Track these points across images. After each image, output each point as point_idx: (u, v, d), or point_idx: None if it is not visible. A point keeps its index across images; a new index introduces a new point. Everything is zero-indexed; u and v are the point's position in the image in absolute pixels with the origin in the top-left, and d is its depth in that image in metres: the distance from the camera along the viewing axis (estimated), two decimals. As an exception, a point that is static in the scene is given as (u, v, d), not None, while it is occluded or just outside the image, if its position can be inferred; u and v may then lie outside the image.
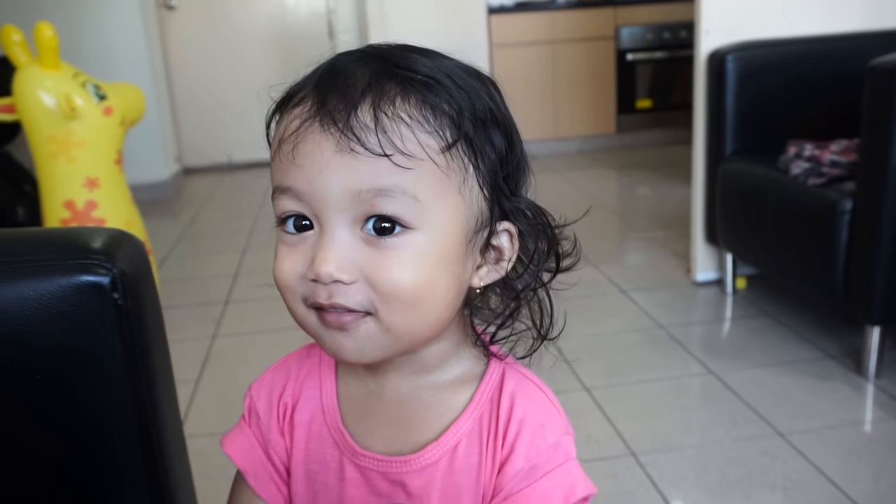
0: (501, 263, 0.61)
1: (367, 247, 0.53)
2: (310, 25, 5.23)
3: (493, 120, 0.57)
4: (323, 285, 0.53)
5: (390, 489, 0.61)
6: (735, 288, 2.55)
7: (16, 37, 2.27)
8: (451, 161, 0.54)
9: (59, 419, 0.67)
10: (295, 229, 0.55)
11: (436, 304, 0.56)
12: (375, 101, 0.52)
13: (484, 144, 0.56)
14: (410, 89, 0.54)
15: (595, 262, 2.91)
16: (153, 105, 4.28)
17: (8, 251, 0.68)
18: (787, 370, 2.03)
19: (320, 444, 0.63)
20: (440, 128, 0.54)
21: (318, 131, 0.53)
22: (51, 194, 2.35)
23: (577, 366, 2.09)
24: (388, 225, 0.53)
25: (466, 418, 0.60)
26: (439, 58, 0.57)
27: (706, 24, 2.44)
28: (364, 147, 0.51)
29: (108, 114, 2.34)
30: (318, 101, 0.53)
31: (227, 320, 2.59)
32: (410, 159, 0.52)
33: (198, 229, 3.92)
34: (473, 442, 0.60)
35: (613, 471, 1.63)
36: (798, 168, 2.09)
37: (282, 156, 0.54)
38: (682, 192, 3.16)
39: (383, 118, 0.52)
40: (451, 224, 0.55)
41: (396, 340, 0.56)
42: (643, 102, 5.06)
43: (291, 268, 0.55)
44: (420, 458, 0.60)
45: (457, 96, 0.55)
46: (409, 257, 0.53)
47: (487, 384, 0.61)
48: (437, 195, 0.54)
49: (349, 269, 0.53)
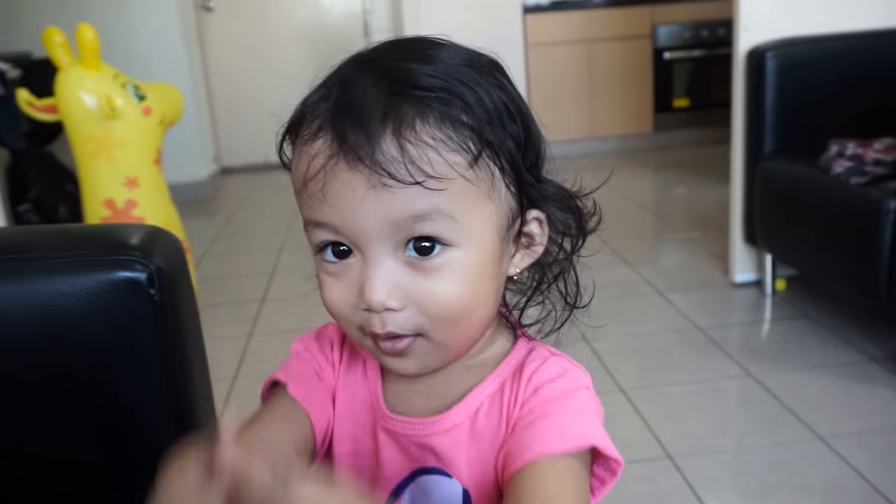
0: (534, 247, 0.61)
1: (410, 270, 0.54)
2: (345, 26, 5.25)
3: (508, 112, 0.57)
4: (376, 314, 0.54)
5: (420, 453, 0.62)
6: (774, 289, 2.50)
7: (58, 38, 2.31)
8: (479, 171, 0.54)
9: (95, 413, 0.68)
10: (335, 256, 0.56)
11: (480, 311, 0.58)
12: (396, 129, 0.52)
13: (504, 141, 0.56)
14: (427, 108, 0.53)
15: (631, 263, 2.88)
16: (191, 106, 4.32)
17: (46, 247, 0.68)
18: (827, 373, 1.98)
19: (361, 409, 0.65)
20: (463, 142, 0.53)
21: (345, 169, 0.52)
22: (91, 193, 2.39)
23: (613, 367, 2.07)
24: (428, 244, 0.54)
25: (489, 383, 0.61)
26: (441, 55, 0.56)
27: (745, 20, 2.40)
28: (395, 179, 0.51)
29: (148, 114, 2.37)
30: (338, 137, 0.52)
31: (264, 318, 2.61)
32: (441, 181, 0.52)
33: (234, 228, 3.96)
34: (494, 407, 0.61)
35: (649, 474, 1.61)
36: (840, 167, 2.05)
37: (310, 193, 0.54)
38: (720, 192, 3.12)
39: (408, 146, 0.52)
40: (486, 232, 0.56)
41: (448, 351, 0.58)
42: (680, 101, 5.00)
43: (342, 299, 0.56)
44: (444, 420, 0.61)
45: (473, 104, 0.54)
46: (451, 275, 0.55)
47: (513, 357, 0.63)
48: (470, 208, 0.54)
49: (398, 296, 0.54)
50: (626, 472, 0.60)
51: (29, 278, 0.66)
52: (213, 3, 5.10)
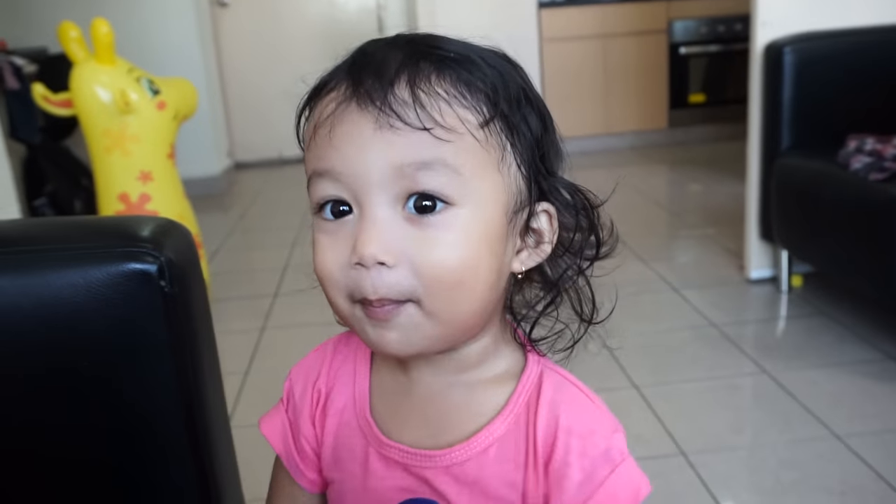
0: (542, 246, 0.59)
1: (409, 226, 0.52)
2: (360, 22, 5.25)
3: (527, 99, 0.57)
4: (367, 273, 0.52)
5: (414, 483, 0.59)
6: (790, 286, 2.48)
7: (73, 33, 2.32)
8: (490, 137, 0.54)
9: (105, 404, 0.68)
10: (332, 215, 0.54)
11: (478, 285, 0.54)
12: (411, 78, 0.52)
13: (519, 123, 0.55)
14: (445, 67, 0.53)
15: (646, 260, 2.86)
16: (206, 101, 4.34)
17: (58, 239, 0.68)
18: (844, 371, 1.96)
19: (349, 432, 0.63)
20: (477, 104, 0.53)
21: (355, 111, 0.52)
22: (106, 187, 2.39)
23: (626, 364, 2.05)
24: (429, 203, 0.52)
25: (500, 423, 0.58)
26: (468, 42, 0.57)
27: (762, 15, 2.38)
28: (403, 122, 0.51)
29: (162, 108, 2.38)
30: (353, 83, 0.53)
31: (276, 313, 2.61)
32: (450, 132, 0.52)
33: (248, 223, 3.97)
34: (508, 449, 0.58)
35: (663, 470, 1.60)
36: (858, 162, 2.03)
37: (318, 140, 0.54)
38: (736, 189, 3.10)
39: (420, 94, 0.52)
40: (492, 201, 0.54)
41: (440, 326, 0.54)
42: (696, 97, 4.97)
43: (334, 258, 0.54)
44: (445, 457, 0.58)
45: (490, 75, 0.54)
46: (452, 235, 0.52)
47: (524, 387, 0.59)
48: (477, 170, 0.53)
49: (392, 251, 0.52)
50: (640, 468, 0.59)
51: (40, 270, 0.65)
52: (227, -2, 5.11)
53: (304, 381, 0.66)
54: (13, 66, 3.24)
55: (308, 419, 0.65)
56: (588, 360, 0.62)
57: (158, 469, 0.70)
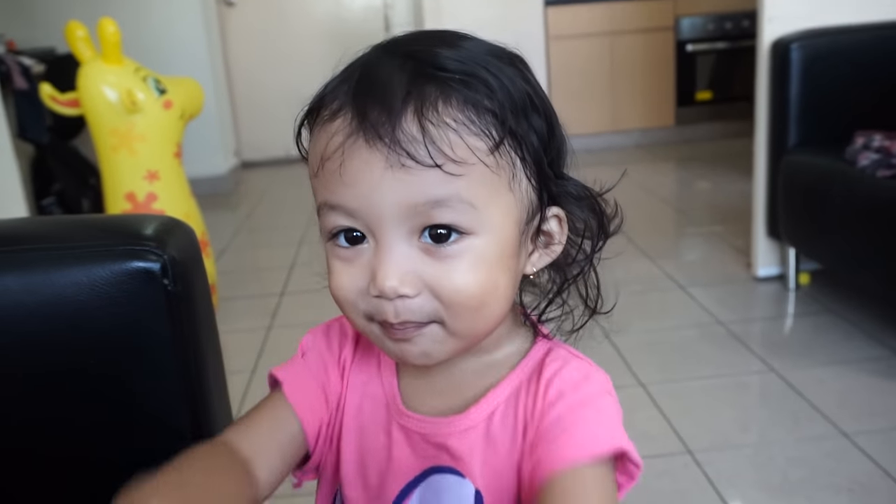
0: (552, 247, 0.60)
1: (426, 256, 0.53)
2: (366, 20, 5.25)
3: (532, 105, 0.56)
4: (388, 301, 0.53)
5: (434, 452, 0.61)
6: (798, 283, 2.47)
7: (80, 32, 2.33)
8: (500, 159, 0.53)
9: (109, 401, 0.68)
10: (347, 242, 0.55)
11: (498, 303, 0.56)
12: (418, 108, 0.51)
13: (527, 133, 0.55)
14: (450, 90, 0.52)
15: (653, 257, 2.86)
16: (212, 100, 4.35)
17: (63, 237, 0.69)
18: (852, 369, 1.96)
19: (374, 405, 0.64)
20: (486, 127, 0.52)
21: (363, 147, 0.51)
22: (113, 186, 2.40)
23: (633, 362, 2.05)
24: (444, 232, 0.52)
25: (505, 386, 0.60)
26: (466, 45, 0.56)
27: (769, 11, 2.37)
28: (414, 160, 0.50)
29: (168, 107, 2.38)
30: (358, 114, 0.52)
31: (283, 311, 2.62)
32: (461, 165, 0.51)
33: (255, 222, 3.98)
34: (509, 411, 0.60)
35: (669, 469, 1.60)
36: (866, 159, 2.02)
37: (326, 174, 0.53)
38: (743, 186, 3.08)
39: (429, 126, 0.51)
40: (505, 223, 0.55)
41: (461, 342, 0.56)
42: (703, 94, 4.96)
43: (351, 283, 0.55)
44: (461, 421, 0.60)
45: (496, 89, 0.53)
46: (469, 263, 0.53)
47: (530, 358, 0.62)
48: (490, 197, 0.53)
49: (412, 282, 0.53)
50: (646, 466, 0.59)
51: (44, 268, 0.66)
52: (234, -3, 5.12)
53: (327, 343, 0.67)
54: (21, 66, 3.26)
55: (337, 377, 0.65)
56: (594, 358, 0.63)
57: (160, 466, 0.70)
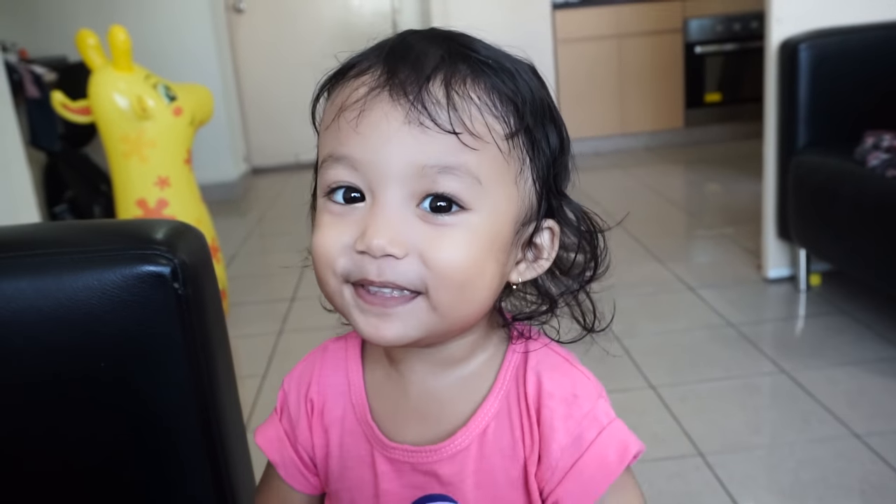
0: (540, 262, 0.60)
1: (421, 223, 0.52)
2: (374, 25, 5.27)
3: (551, 118, 0.57)
4: (372, 260, 0.52)
5: (423, 480, 0.60)
6: (809, 284, 2.46)
7: (91, 41, 2.34)
8: (513, 150, 0.54)
9: (120, 405, 0.69)
10: (343, 200, 0.54)
11: (482, 288, 0.55)
12: (447, 77, 0.52)
13: (541, 139, 0.56)
14: (481, 73, 0.53)
15: (662, 260, 2.85)
16: (222, 106, 4.37)
17: (74, 242, 0.69)
18: (864, 369, 1.95)
19: (354, 440, 0.63)
20: (506, 114, 0.54)
21: (386, 100, 0.52)
22: (124, 193, 2.42)
23: (643, 364, 2.05)
24: (444, 204, 0.52)
25: (492, 401, 0.60)
26: (501, 49, 0.58)
27: (777, 11, 2.36)
28: (434, 122, 0.51)
29: (178, 114, 2.40)
30: (388, 71, 0.52)
31: (293, 316, 2.62)
32: (477, 140, 0.52)
33: (265, 228, 3.99)
34: (503, 424, 0.59)
35: (680, 471, 1.59)
36: (876, 159, 2.01)
37: (342, 123, 0.53)
38: (753, 188, 3.07)
39: (455, 95, 0.52)
40: (504, 211, 0.55)
41: (440, 319, 0.54)
42: (712, 96, 4.95)
43: (337, 237, 0.54)
44: (449, 446, 0.59)
45: (522, 88, 0.55)
46: (462, 237, 0.53)
47: (510, 363, 0.61)
48: (496, 180, 0.54)
49: (402, 244, 0.52)
50: (657, 469, 0.59)
51: (57, 273, 0.67)
52: (243, 4, 5.14)
53: (296, 392, 0.67)
54: (33, 74, 3.28)
55: (305, 428, 0.65)
56: (604, 361, 0.63)
57: (172, 470, 0.71)
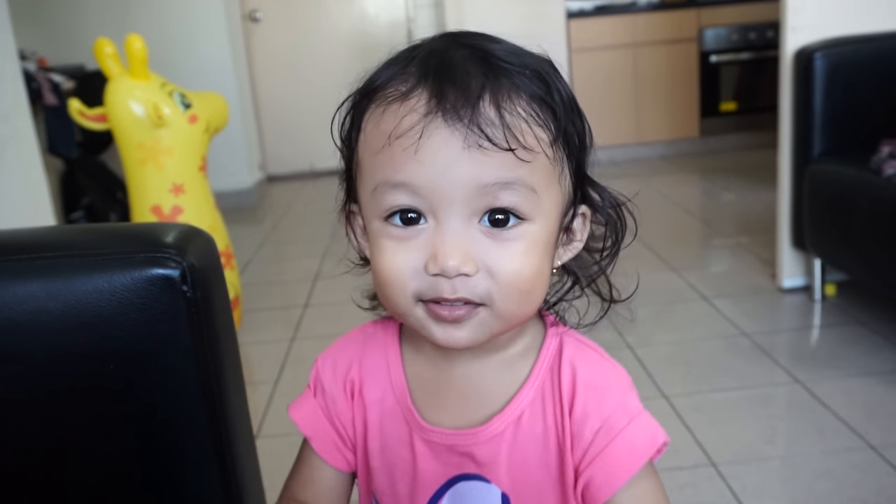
0: (574, 243, 0.63)
1: (485, 238, 0.55)
2: (390, 35, 5.29)
3: (576, 108, 0.59)
4: (446, 280, 0.54)
5: (459, 460, 0.62)
6: (824, 294, 2.44)
7: (108, 49, 2.37)
8: (556, 152, 0.56)
9: (129, 407, 0.69)
10: (402, 223, 0.56)
11: (542, 288, 0.59)
12: (495, 96, 0.54)
13: (573, 134, 0.58)
14: (520, 84, 0.55)
15: (677, 269, 2.84)
16: (238, 115, 4.40)
17: (85, 245, 0.70)
18: (881, 381, 1.93)
19: (393, 421, 0.65)
20: (547, 121, 0.55)
21: (442, 126, 0.53)
22: (139, 200, 2.43)
23: (657, 373, 2.04)
24: (502, 217, 0.55)
25: (528, 389, 0.62)
26: (513, 45, 0.59)
27: (792, 20, 2.36)
28: (492, 142, 0.53)
29: (194, 122, 2.42)
30: (437, 94, 0.53)
31: (306, 323, 2.63)
32: (530, 152, 0.54)
33: (280, 235, 4.01)
34: (536, 412, 0.62)
35: (693, 481, 1.58)
36: (892, 168, 1.99)
37: (395, 150, 0.54)
38: (769, 197, 3.05)
39: (505, 113, 0.53)
40: (553, 213, 0.58)
41: (505, 324, 0.58)
42: (728, 105, 4.93)
43: (405, 262, 0.55)
44: (485, 431, 0.61)
45: (553, 89, 0.57)
46: (524, 247, 0.56)
47: (546, 354, 0.63)
48: (546, 186, 0.56)
49: (473, 262, 0.54)
50: (670, 479, 0.60)
51: (67, 275, 0.67)
52: (260, 14, 5.18)
53: (332, 370, 0.68)
54: (52, 82, 3.32)
55: (345, 406, 0.67)
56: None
57: (180, 471, 0.71)
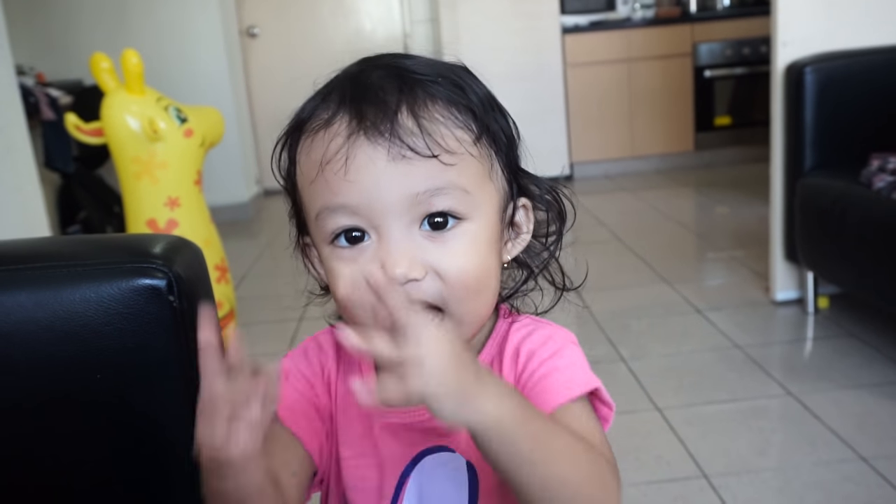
0: (521, 236, 0.65)
1: (428, 242, 0.57)
2: (386, 50, 5.27)
3: (496, 105, 0.62)
4: (399, 287, 0.55)
5: (420, 436, 0.63)
6: (817, 307, 2.45)
7: (105, 64, 2.38)
8: (482, 150, 0.58)
9: (115, 416, 0.70)
10: (348, 242, 0.57)
11: (493, 285, 0.61)
12: (411, 106, 0.56)
13: (497, 130, 0.60)
14: (435, 92, 0.57)
15: (671, 282, 2.85)
16: (235, 129, 4.41)
17: (73, 256, 0.71)
18: (872, 393, 1.93)
19: (355, 412, 0.66)
20: (466, 122, 0.57)
21: (365, 144, 0.55)
22: (135, 213, 2.44)
23: (650, 386, 2.04)
24: (441, 220, 0.56)
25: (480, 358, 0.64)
26: (423, 58, 0.61)
27: (783, 35, 2.38)
28: (414, 151, 0.54)
29: (189, 136, 2.43)
30: (357, 115, 0.56)
31: (301, 337, 2.63)
32: (454, 155, 0.56)
33: (275, 249, 4.01)
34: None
35: (684, 493, 1.58)
36: (882, 181, 2.01)
37: (328, 176, 0.56)
38: (762, 211, 3.07)
39: (423, 122, 0.55)
40: (490, 209, 0.60)
41: (467, 329, 0.59)
42: (722, 119, 4.95)
43: (359, 279, 0.56)
44: None
45: (468, 91, 0.59)
46: (467, 245, 0.57)
47: (496, 334, 0.65)
48: (477, 184, 0.58)
49: (419, 266, 0.56)
50: (661, 490, 0.61)
51: (55, 285, 0.68)
52: (257, 29, 5.21)
53: (307, 361, 0.68)
54: (49, 97, 3.34)
55: (321, 381, 0.67)
56: (611, 383, 0.65)
57: (166, 481, 0.71)
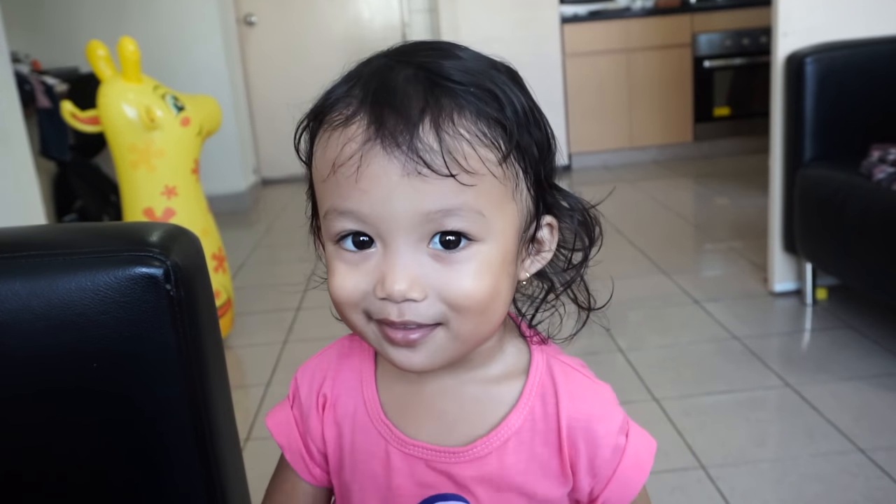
0: (543, 253, 0.62)
1: (434, 262, 0.54)
2: (384, 39, 5.27)
3: (534, 119, 0.57)
4: (393, 304, 0.54)
5: (435, 478, 0.62)
6: (815, 299, 2.45)
7: (101, 52, 2.36)
8: (507, 170, 0.54)
9: (112, 405, 0.69)
10: (355, 247, 0.55)
11: (500, 307, 0.57)
12: (435, 118, 0.52)
13: (529, 145, 0.56)
14: (464, 103, 0.53)
15: (669, 273, 2.84)
16: (232, 118, 4.40)
17: (69, 244, 0.70)
18: (870, 384, 1.93)
19: (365, 436, 0.64)
20: (495, 139, 0.53)
21: (380, 154, 0.51)
22: (132, 202, 2.43)
23: (648, 377, 2.04)
24: (453, 238, 0.53)
25: (517, 416, 0.61)
26: (466, 56, 0.56)
27: (784, 26, 2.37)
28: (431, 169, 0.51)
29: (186, 124, 2.41)
30: (376, 121, 0.52)
31: (299, 326, 2.63)
32: (473, 176, 0.52)
33: (273, 239, 4.00)
34: (524, 440, 0.61)
35: (682, 484, 1.58)
36: (882, 173, 2.00)
37: (339, 178, 0.53)
38: (761, 202, 3.06)
39: (445, 137, 0.51)
40: (509, 230, 0.56)
41: (463, 346, 0.57)
42: (721, 110, 4.94)
43: (355, 285, 0.55)
44: (469, 452, 0.61)
45: (505, 103, 0.54)
46: (476, 268, 0.54)
47: (535, 378, 0.62)
48: (496, 206, 0.54)
49: (421, 287, 0.53)
50: (659, 482, 0.62)
51: (51, 274, 0.67)
52: (255, 17, 5.18)
53: (308, 384, 0.68)
54: (45, 85, 3.32)
55: (316, 420, 0.67)
56: (608, 373, 0.65)
57: (163, 471, 0.71)
